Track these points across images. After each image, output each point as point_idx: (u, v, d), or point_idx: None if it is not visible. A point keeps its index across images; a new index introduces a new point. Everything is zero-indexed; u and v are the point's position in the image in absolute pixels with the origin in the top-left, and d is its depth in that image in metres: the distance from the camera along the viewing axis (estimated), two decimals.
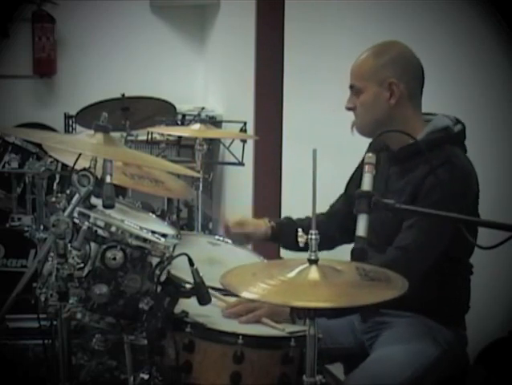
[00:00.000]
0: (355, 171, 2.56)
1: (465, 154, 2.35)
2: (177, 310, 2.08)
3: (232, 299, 2.23)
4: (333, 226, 2.58)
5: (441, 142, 2.26)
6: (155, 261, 2.11)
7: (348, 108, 2.40)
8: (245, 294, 1.71)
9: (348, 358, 2.46)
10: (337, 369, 2.68)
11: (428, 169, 2.20)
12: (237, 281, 1.79)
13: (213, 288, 2.14)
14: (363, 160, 2.50)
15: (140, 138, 4.11)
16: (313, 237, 1.75)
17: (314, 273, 1.74)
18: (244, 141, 3.70)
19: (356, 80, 2.37)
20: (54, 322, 2.01)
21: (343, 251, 2.50)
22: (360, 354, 2.38)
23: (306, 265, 1.76)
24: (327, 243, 2.43)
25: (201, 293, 2.06)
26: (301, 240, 1.77)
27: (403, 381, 2.18)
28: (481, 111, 2.74)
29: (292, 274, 1.75)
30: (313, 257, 1.76)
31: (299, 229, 1.79)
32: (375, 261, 2.00)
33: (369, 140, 2.43)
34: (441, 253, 2.24)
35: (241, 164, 3.71)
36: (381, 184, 2.31)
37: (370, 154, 1.87)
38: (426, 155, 2.04)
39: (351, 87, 2.39)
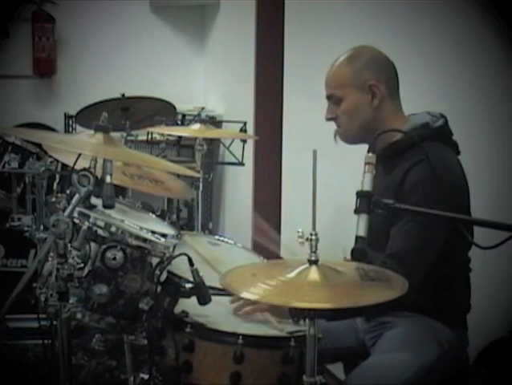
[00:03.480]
0: None
1: (454, 149, 2.33)
2: (177, 310, 2.08)
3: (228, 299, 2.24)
4: None
5: (420, 139, 2.21)
6: (155, 261, 2.11)
7: (329, 119, 2.41)
8: (246, 295, 1.71)
9: (349, 357, 2.46)
10: (337, 369, 2.68)
11: (407, 167, 2.22)
12: (238, 282, 1.78)
13: (213, 288, 2.14)
14: None
15: (140, 138, 4.11)
16: (313, 237, 1.75)
17: (314, 273, 1.74)
18: (244, 141, 3.70)
19: (334, 89, 2.38)
20: (54, 322, 2.01)
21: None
22: (362, 353, 2.37)
23: (306, 265, 1.76)
24: None
25: (201, 293, 2.06)
26: (300, 240, 1.77)
27: (404, 381, 2.17)
28: (480, 111, 2.74)
29: (292, 275, 1.75)
30: (313, 258, 1.76)
31: (299, 230, 1.78)
32: None
33: None
34: (436, 253, 2.24)
35: (241, 164, 3.71)
36: None
37: (370, 154, 1.87)
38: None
39: (330, 96, 2.39)
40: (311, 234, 1.76)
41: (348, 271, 1.81)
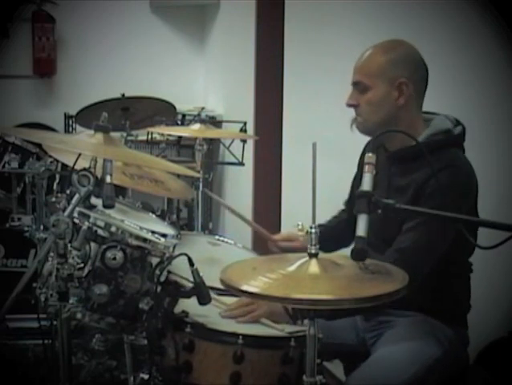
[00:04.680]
0: (357, 171, 2.55)
1: (463, 152, 2.34)
2: (177, 310, 2.08)
3: (229, 299, 2.23)
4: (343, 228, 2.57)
5: (442, 145, 2.23)
6: (155, 261, 2.11)
7: (350, 105, 2.34)
8: (246, 288, 1.70)
9: (349, 355, 2.46)
10: (337, 369, 2.68)
11: (430, 172, 2.16)
12: (238, 276, 1.78)
13: (213, 288, 2.14)
14: (360, 158, 2.51)
15: (140, 138, 4.11)
16: (313, 230, 1.75)
17: (314, 266, 1.74)
18: (244, 141, 3.70)
19: (364, 76, 2.30)
20: (54, 322, 2.01)
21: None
22: (362, 352, 2.37)
23: (306, 258, 1.76)
24: (337, 244, 2.52)
25: (201, 293, 2.06)
26: (301, 233, 1.77)
27: (405, 380, 2.17)
28: (480, 111, 2.74)
29: (292, 268, 1.75)
30: (313, 251, 1.76)
31: (299, 222, 1.78)
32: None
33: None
34: (442, 255, 2.24)
35: (241, 164, 3.71)
36: (384, 182, 2.30)
37: (370, 154, 1.86)
38: (428, 157, 2.01)
39: (357, 83, 2.32)
40: (311, 227, 1.76)
41: (348, 264, 1.81)
